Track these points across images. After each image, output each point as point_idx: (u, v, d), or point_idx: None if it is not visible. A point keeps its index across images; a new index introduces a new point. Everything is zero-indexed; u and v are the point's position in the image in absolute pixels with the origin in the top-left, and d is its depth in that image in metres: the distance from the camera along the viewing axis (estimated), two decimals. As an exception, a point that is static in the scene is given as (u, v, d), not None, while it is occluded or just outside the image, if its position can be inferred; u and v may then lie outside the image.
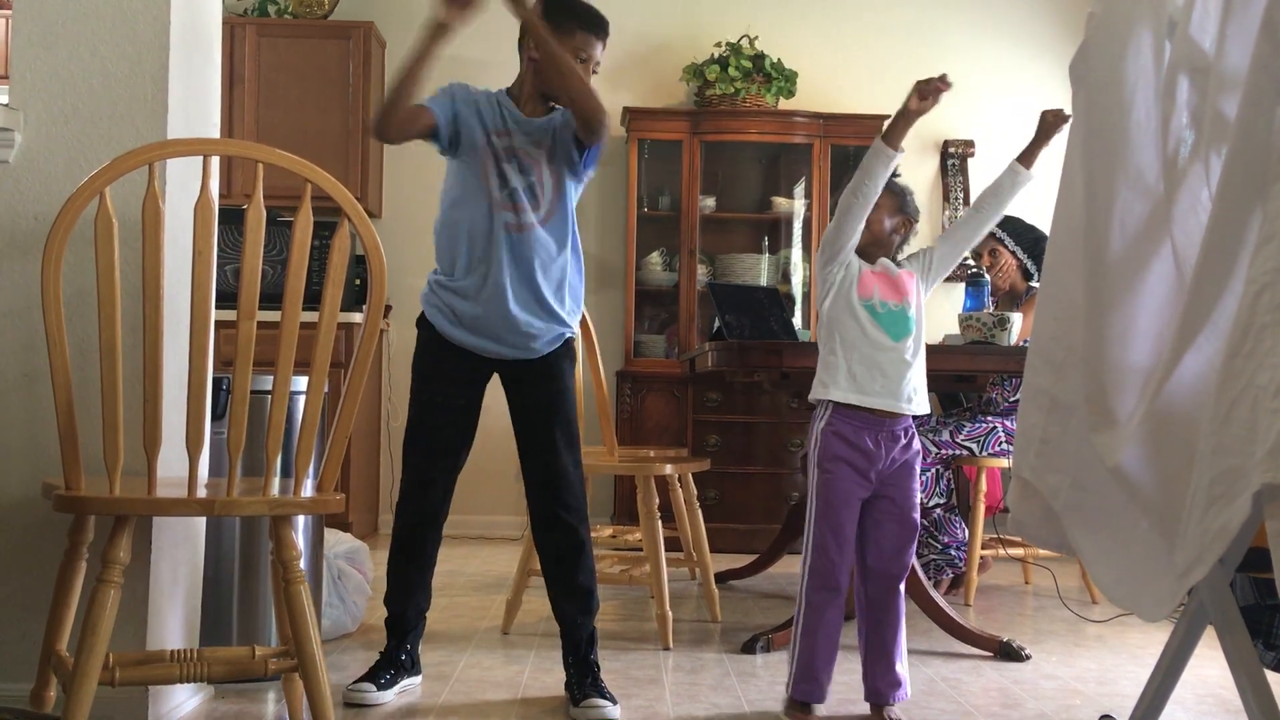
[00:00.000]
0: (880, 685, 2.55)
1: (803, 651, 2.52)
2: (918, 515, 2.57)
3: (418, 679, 2.79)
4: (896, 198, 2.63)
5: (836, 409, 2.51)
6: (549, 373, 2.69)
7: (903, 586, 2.58)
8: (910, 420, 2.56)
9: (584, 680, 2.60)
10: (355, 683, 2.63)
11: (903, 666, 2.56)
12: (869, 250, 2.60)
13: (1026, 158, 2.75)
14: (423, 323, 2.74)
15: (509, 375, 2.71)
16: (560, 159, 2.68)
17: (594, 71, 2.69)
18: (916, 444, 2.57)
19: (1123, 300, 1.76)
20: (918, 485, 2.57)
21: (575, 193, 2.73)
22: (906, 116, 2.49)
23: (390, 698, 2.65)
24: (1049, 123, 2.71)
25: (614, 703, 2.53)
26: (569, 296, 2.71)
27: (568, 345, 2.73)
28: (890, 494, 2.53)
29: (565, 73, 2.55)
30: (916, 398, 2.54)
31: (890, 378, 2.50)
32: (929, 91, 2.48)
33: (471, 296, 2.64)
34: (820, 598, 2.51)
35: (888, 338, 2.52)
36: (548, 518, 2.67)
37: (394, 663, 2.71)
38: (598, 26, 2.69)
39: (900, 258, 2.67)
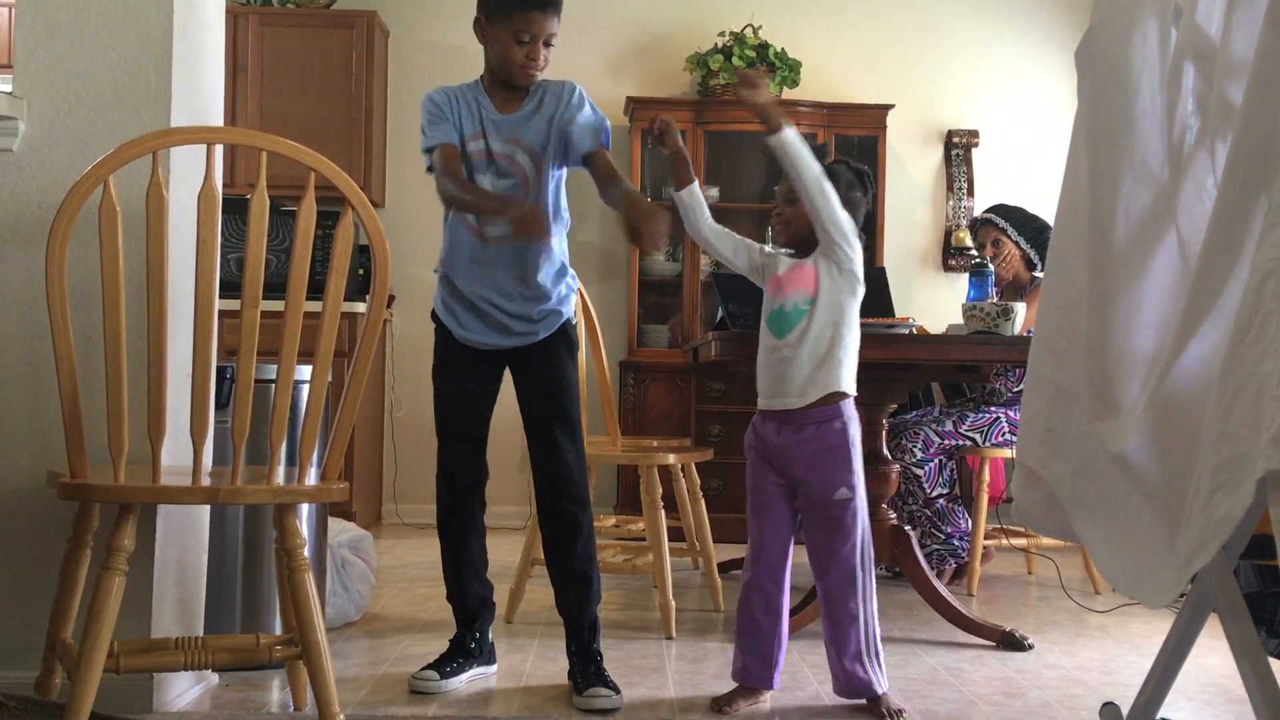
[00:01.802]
0: (837, 682, 2.55)
1: (736, 630, 2.57)
2: (842, 511, 2.49)
3: (492, 668, 2.79)
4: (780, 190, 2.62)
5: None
6: (546, 360, 2.67)
7: (845, 588, 2.51)
8: (821, 411, 2.48)
9: (587, 669, 2.60)
10: (420, 671, 2.64)
11: (858, 664, 2.51)
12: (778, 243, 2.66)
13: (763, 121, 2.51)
14: (434, 316, 2.74)
15: (514, 363, 2.70)
16: (551, 153, 2.61)
17: (548, 45, 2.55)
18: (833, 429, 2.49)
19: (1127, 288, 1.75)
20: (840, 470, 2.49)
21: (564, 174, 2.69)
22: (673, 159, 2.60)
23: (456, 686, 2.64)
24: None
25: (617, 692, 2.53)
26: (561, 276, 2.69)
27: (564, 331, 2.70)
28: (806, 479, 2.52)
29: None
30: (798, 389, 2.49)
31: (774, 375, 2.54)
32: (657, 139, 2.57)
33: (466, 298, 2.64)
34: (750, 580, 2.55)
35: (771, 336, 2.55)
36: (548, 504, 2.68)
37: (463, 650, 2.71)
38: (537, 0, 2.51)
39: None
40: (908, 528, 3.38)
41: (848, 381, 2.52)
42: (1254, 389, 1.36)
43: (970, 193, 5.85)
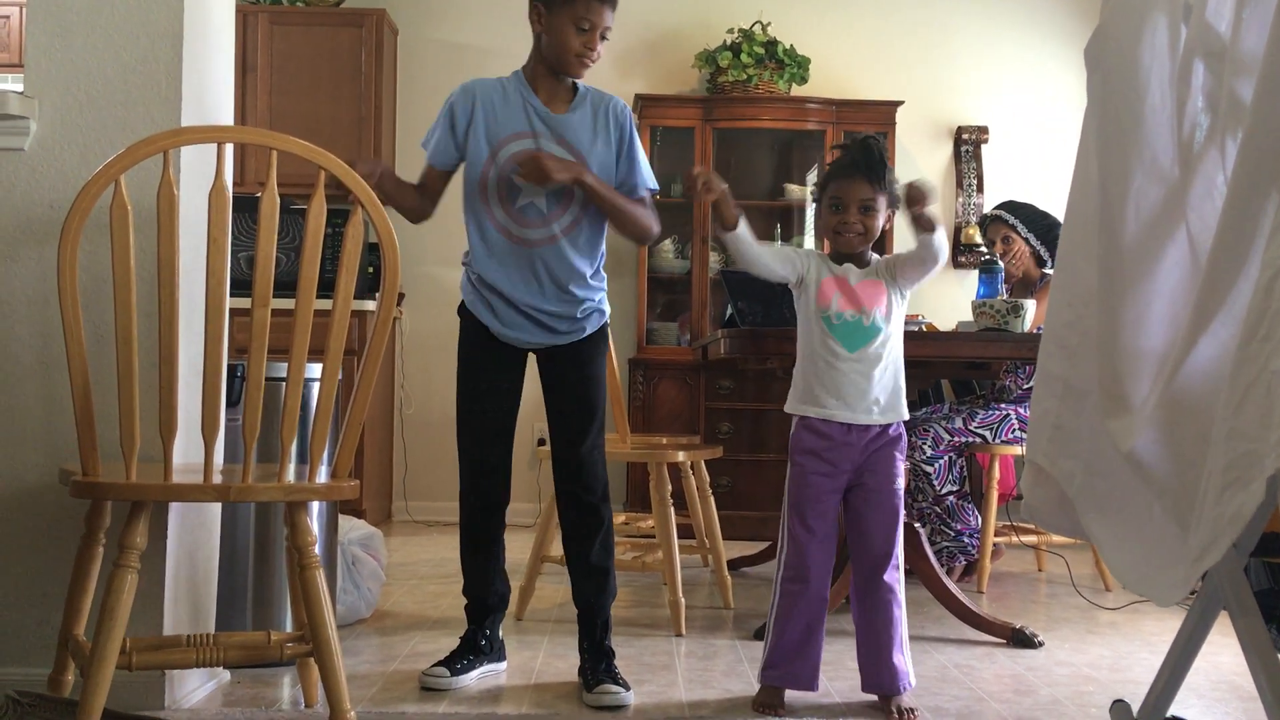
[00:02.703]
0: (875, 676, 2.53)
1: (774, 637, 2.53)
2: (899, 499, 2.52)
3: (502, 665, 2.79)
4: (840, 192, 2.51)
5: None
6: (583, 357, 2.67)
7: (893, 574, 2.53)
8: (878, 427, 2.51)
9: (598, 666, 2.61)
10: (431, 667, 2.65)
11: (901, 656, 2.53)
12: (838, 252, 2.56)
13: (917, 226, 2.47)
14: (463, 310, 2.71)
15: (547, 356, 2.69)
16: (600, 164, 2.59)
17: (603, 38, 2.54)
18: (895, 432, 2.52)
19: (1137, 285, 1.75)
20: (899, 469, 2.53)
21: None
22: (716, 205, 2.52)
23: (466, 683, 2.65)
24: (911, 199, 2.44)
25: (627, 689, 2.53)
26: (598, 277, 2.68)
27: (604, 330, 2.71)
28: (866, 480, 2.51)
29: (623, 222, 2.61)
30: (879, 408, 2.49)
31: (845, 389, 2.48)
32: (692, 190, 2.51)
33: (506, 296, 2.61)
34: (793, 589, 2.51)
35: (843, 349, 2.48)
36: (572, 497, 2.68)
37: (473, 647, 2.72)
38: None
39: (877, 257, 2.58)
40: (918, 525, 3.37)
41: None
42: (1264, 386, 1.36)
43: (980, 189, 5.83)
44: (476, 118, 2.58)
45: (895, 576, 2.54)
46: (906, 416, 2.55)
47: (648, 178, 2.67)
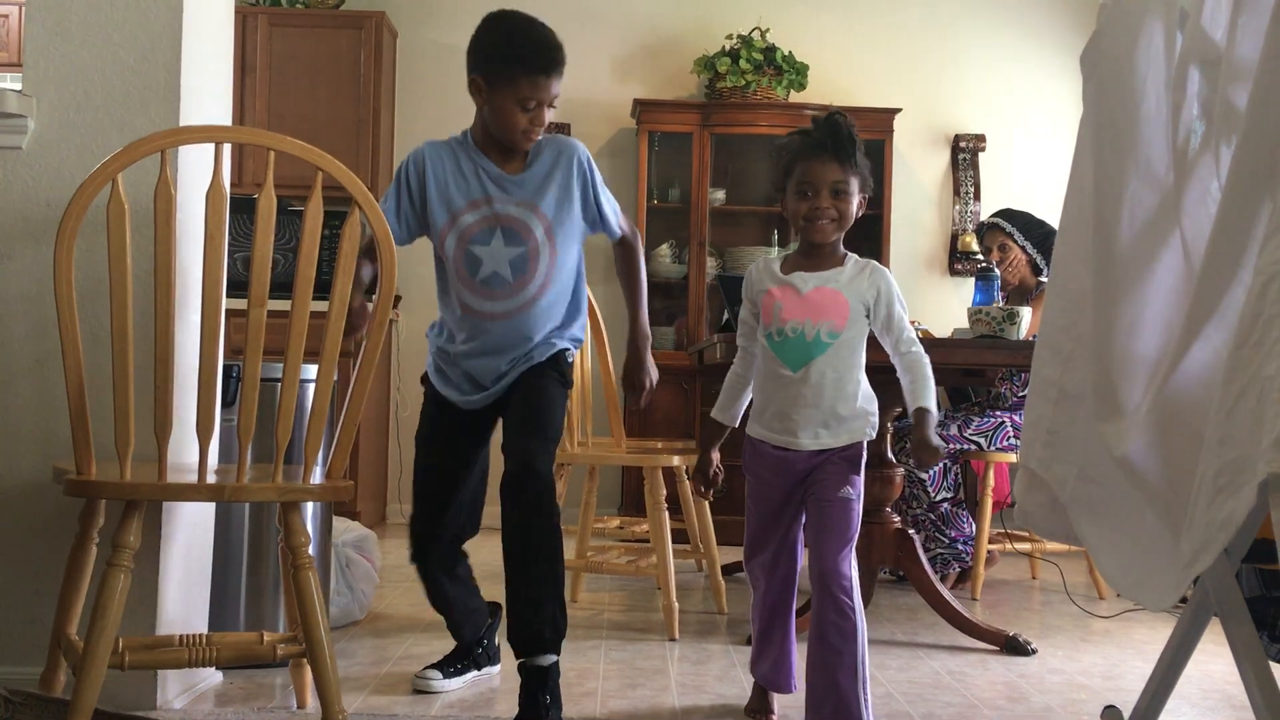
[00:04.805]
0: (814, 700, 2.24)
1: (752, 633, 2.50)
2: (849, 512, 2.26)
3: (495, 669, 2.79)
4: (804, 176, 2.26)
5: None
6: (532, 376, 2.51)
7: (843, 597, 2.22)
8: (824, 454, 2.28)
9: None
10: (423, 670, 2.65)
11: (853, 688, 2.21)
12: (809, 243, 2.32)
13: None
14: (425, 380, 2.63)
15: (505, 396, 2.54)
16: (566, 216, 2.47)
17: (552, 106, 2.40)
18: (847, 451, 2.30)
19: (1131, 290, 1.76)
20: (849, 479, 2.28)
21: (584, 234, 2.56)
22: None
23: (456, 686, 2.65)
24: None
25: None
26: (563, 330, 2.55)
27: (556, 360, 2.53)
28: (813, 490, 2.30)
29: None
30: (828, 431, 2.27)
31: (790, 412, 2.28)
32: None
33: (464, 369, 2.52)
34: (756, 592, 2.47)
35: (787, 368, 2.27)
36: (509, 490, 2.57)
37: (467, 653, 2.72)
38: (544, 64, 2.35)
39: (857, 261, 2.34)
40: (912, 531, 3.38)
41: (872, 426, 2.32)
42: (1256, 392, 1.36)
43: (977, 197, 5.85)
44: (429, 188, 2.46)
45: (847, 602, 2.22)
46: (868, 436, 2.31)
47: (619, 216, 2.61)
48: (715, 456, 2.49)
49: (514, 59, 2.36)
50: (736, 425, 2.44)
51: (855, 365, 2.30)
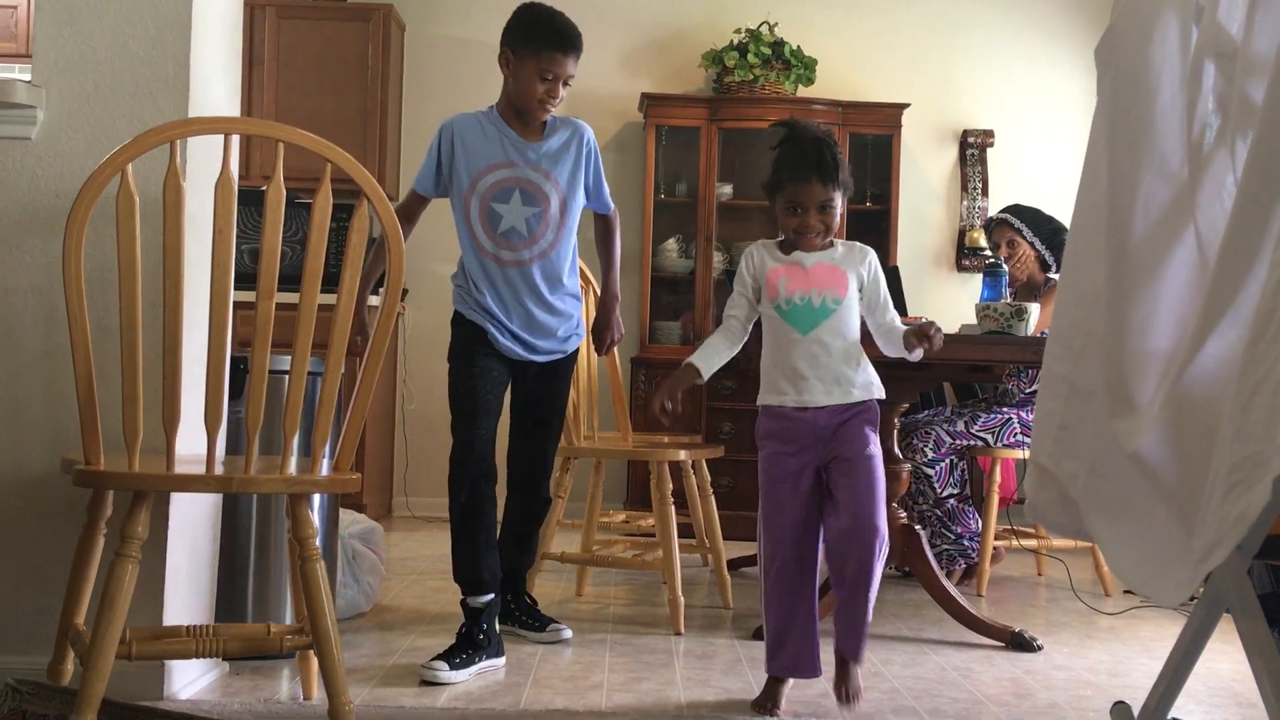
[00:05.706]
0: (855, 636, 2.47)
1: (767, 626, 2.52)
2: (877, 469, 2.45)
3: (500, 660, 2.81)
4: (796, 194, 2.53)
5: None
6: (560, 373, 3.00)
7: (874, 548, 2.41)
8: (840, 406, 2.47)
9: (534, 609, 3.11)
10: (429, 661, 2.65)
11: (866, 626, 2.47)
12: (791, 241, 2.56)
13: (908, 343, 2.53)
14: (459, 320, 2.90)
15: (529, 370, 2.96)
16: (574, 184, 2.89)
17: (566, 85, 2.79)
18: (863, 407, 2.48)
19: (1145, 286, 1.75)
20: (870, 439, 2.46)
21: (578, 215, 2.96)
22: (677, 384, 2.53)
23: (464, 677, 2.66)
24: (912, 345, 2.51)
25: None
26: (575, 300, 2.98)
27: (579, 350, 3.04)
28: (839, 451, 2.45)
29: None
30: (840, 388, 2.47)
31: (803, 371, 2.47)
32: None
33: (499, 317, 2.85)
34: (770, 569, 2.49)
35: (797, 331, 2.48)
36: (530, 486, 3.05)
37: (471, 642, 2.73)
38: (563, 42, 2.76)
39: (842, 245, 2.56)
40: (918, 527, 3.37)
41: (879, 388, 2.54)
42: (1271, 388, 1.35)
43: (985, 193, 5.83)
44: (456, 152, 2.82)
45: (879, 553, 2.42)
46: (878, 395, 2.51)
47: (609, 199, 3.04)
48: (679, 398, 2.51)
49: (539, 35, 2.76)
50: (704, 381, 2.57)
51: (856, 335, 2.53)
